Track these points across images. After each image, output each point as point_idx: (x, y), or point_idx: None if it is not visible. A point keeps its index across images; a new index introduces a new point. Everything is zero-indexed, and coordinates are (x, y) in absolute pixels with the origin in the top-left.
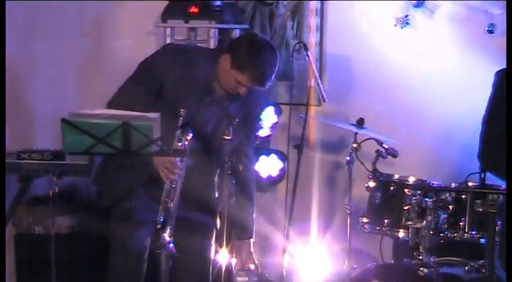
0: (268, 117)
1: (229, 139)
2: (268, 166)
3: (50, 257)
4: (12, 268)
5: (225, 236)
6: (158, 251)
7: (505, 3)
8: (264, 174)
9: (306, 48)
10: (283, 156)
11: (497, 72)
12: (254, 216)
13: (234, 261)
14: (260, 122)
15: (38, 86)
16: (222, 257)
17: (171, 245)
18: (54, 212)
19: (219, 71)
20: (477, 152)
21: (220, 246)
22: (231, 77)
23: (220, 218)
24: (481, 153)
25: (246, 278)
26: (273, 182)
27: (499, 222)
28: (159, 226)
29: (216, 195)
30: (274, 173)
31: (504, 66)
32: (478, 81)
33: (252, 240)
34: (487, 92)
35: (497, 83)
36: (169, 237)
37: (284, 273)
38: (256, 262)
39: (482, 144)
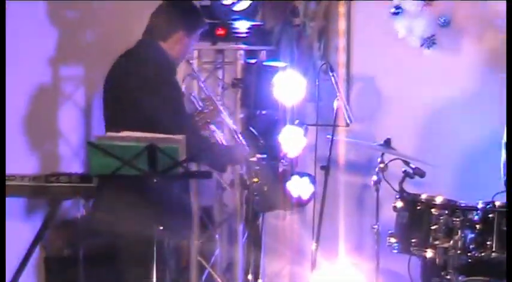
0: (297, 138)
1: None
2: (299, 187)
3: (79, 279)
4: None
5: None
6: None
7: None
8: (294, 194)
9: (332, 69)
10: (315, 181)
11: None
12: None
13: None
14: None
15: (66, 109)
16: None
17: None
18: (83, 235)
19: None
20: (503, 178)
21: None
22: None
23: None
24: (507, 179)
25: None
26: (302, 203)
27: None
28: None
29: None
30: (305, 196)
31: None
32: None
33: None
34: None
35: None
36: None
37: None
38: None
39: (506, 169)
